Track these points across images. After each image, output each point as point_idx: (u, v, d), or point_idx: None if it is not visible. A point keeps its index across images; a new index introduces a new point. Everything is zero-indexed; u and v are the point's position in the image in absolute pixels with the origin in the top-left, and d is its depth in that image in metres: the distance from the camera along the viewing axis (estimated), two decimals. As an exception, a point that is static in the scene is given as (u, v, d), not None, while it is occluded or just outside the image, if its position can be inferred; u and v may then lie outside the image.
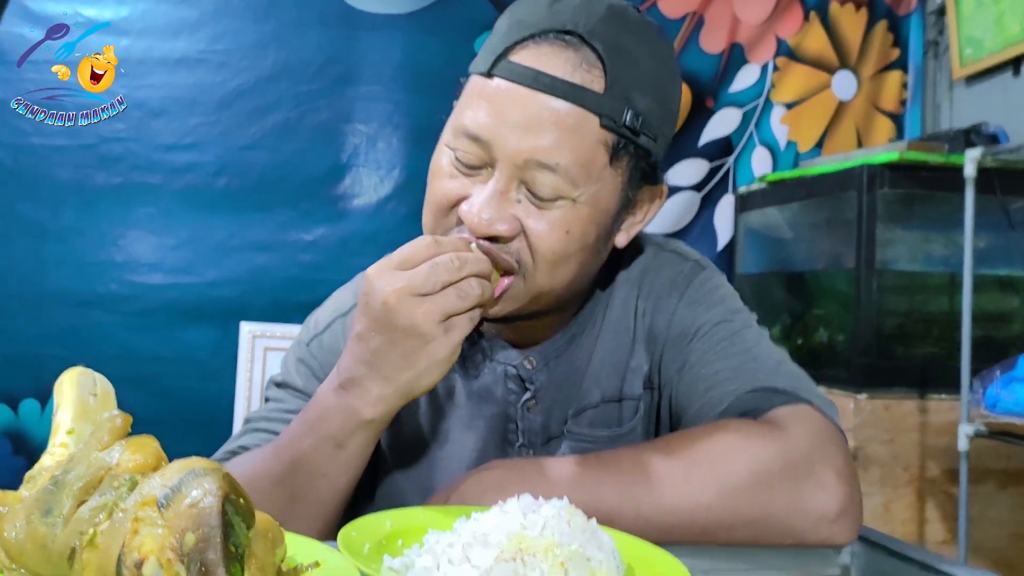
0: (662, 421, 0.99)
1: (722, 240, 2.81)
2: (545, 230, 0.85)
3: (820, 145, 2.85)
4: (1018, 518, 2.19)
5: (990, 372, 1.95)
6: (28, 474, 0.58)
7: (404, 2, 2.54)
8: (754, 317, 0.99)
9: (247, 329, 2.40)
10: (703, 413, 0.91)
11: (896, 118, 2.90)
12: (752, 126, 2.81)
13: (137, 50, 2.38)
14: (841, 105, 2.87)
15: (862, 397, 2.15)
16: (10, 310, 2.32)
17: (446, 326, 0.77)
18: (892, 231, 2.29)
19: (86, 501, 0.54)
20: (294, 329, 1.08)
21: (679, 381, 0.95)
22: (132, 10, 2.40)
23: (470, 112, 0.86)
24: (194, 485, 0.52)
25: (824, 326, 2.51)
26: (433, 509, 0.79)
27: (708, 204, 2.80)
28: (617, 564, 0.64)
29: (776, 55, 2.83)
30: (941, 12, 2.83)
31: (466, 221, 0.85)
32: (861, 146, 2.83)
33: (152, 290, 2.38)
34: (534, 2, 0.88)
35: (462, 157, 0.86)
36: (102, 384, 0.67)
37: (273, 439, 0.93)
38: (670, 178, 2.73)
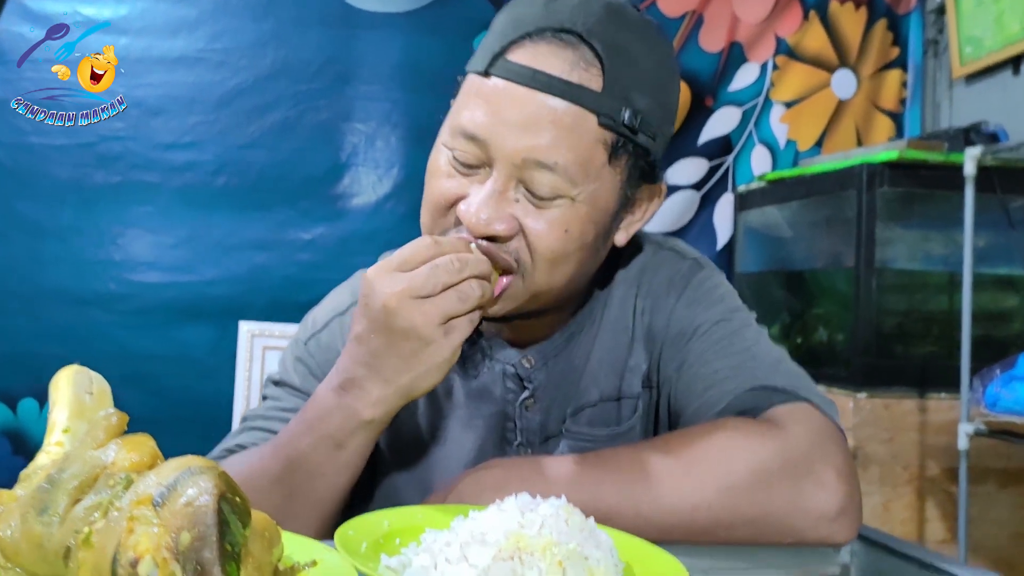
0: (661, 420, 0.99)
1: (721, 239, 2.80)
2: (544, 229, 0.84)
3: (820, 144, 2.85)
4: (1018, 517, 2.19)
5: (990, 371, 1.95)
6: (23, 473, 0.58)
7: (403, 1, 2.53)
8: (753, 315, 0.99)
9: (246, 328, 2.40)
10: (702, 412, 0.91)
11: (896, 117, 2.90)
12: (751, 125, 2.81)
13: (136, 49, 2.37)
14: (841, 104, 2.87)
15: (862, 396, 2.15)
16: (8, 309, 2.31)
17: (446, 328, 0.77)
18: (892, 230, 2.28)
19: (81, 500, 0.54)
20: (293, 328, 1.08)
21: (678, 380, 0.94)
22: (131, 9, 2.39)
23: (467, 111, 0.85)
24: (190, 483, 0.51)
25: (823, 325, 2.50)
26: (431, 508, 0.79)
27: (707, 203, 2.80)
28: (615, 563, 0.64)
29: (775, 54, 2.82)
30: (941, 11, 2.83)
31: (464, 221, 0.84)
32: (861, 145, 2.82)
33: (150, 289, 2.37)
34: (531, 0, 0.88)
35: (460, 157, 0.86)
36: (98, 382, 0.66)
37: (270, 438, 0.93)
38: (669, 177, 2.73)
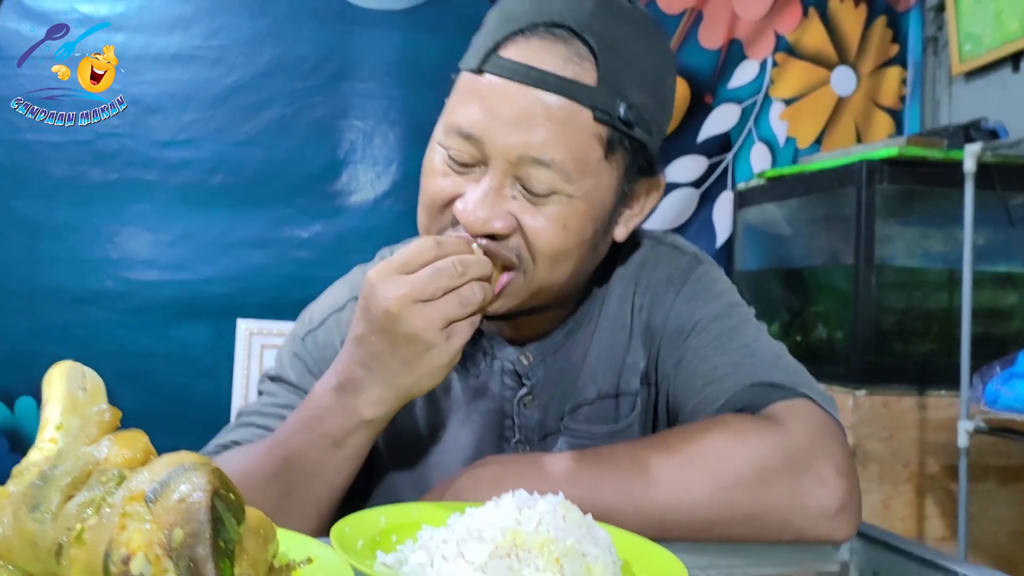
0: (659, 417, 0.99)
1: (721, 237, 2.80)
2: (542, 226, 0.84)
3: (819, 141, 2.84)
4: (1018, 515, 2.19)
5: (990, 368, 1.95)
6: (15, 469, 0.58)
7: (401, -2, 2.53)
8: (752, 311, 0.98)
9: (243, 326, 2.40)
10: (700, 408, 0.90)
11: (895, 114, 2.89)
12: (751, 122, 2.81)
13: (133, 46, 2.37)
14: (840, 101, 2.86)
15: (861, 394, 2.15)
16: (5, 307, 2.31)
17: (447, 332, 0.77)
18: (891, 227, 2.28)
19: (74, 496, 0.53)
20: (290, 326, 1.07)
21: (676, 376, 0.94)
22: (128, 6, 2.39)
23: (461, 109, 0.85)
24: (183, 480, 0.51)
25: (823, 323, 2.50)
26: (427, 505, 0.78)
27: (707, 201, 2.79)
28: (613, 560, 0.63)
29: (775, 51, 2.82)
30: (940, 8, 2.82)
31: (461, 220, 0.84)
32: (860, 142, 2.82)
33: (148, 287, 2.37)
34: None
35: (455, 155, 0.85)
36: (92, 378, 0.66)
37: (265, 434, 0.92)
38: (669, 175, 2.72)
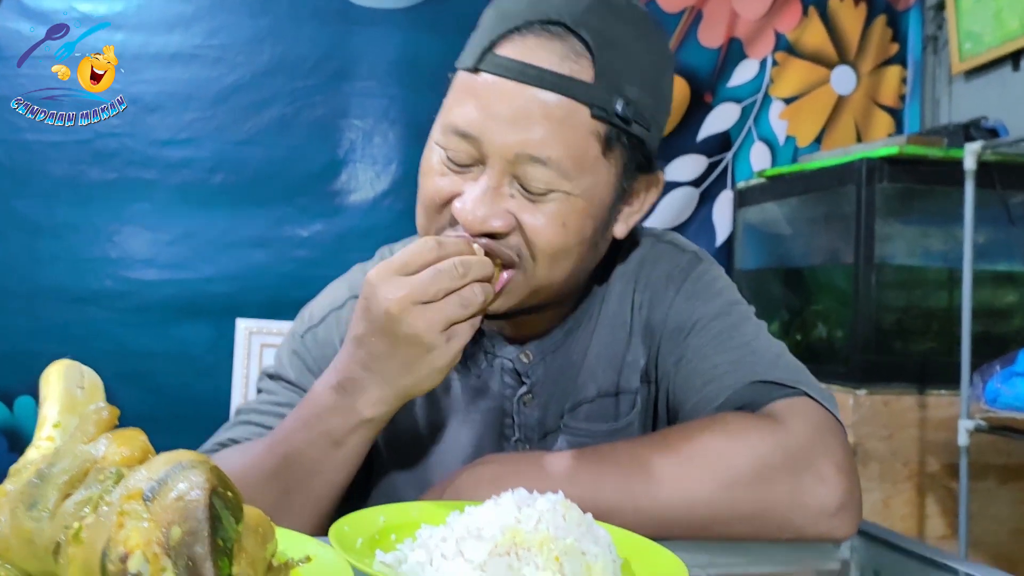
0: (659, 415, 0.98)
1: (720, 236, 2.80)
2: (541, 224, 0.84)
3: (819, 140, 2.84)
4: (1018, 513, 2.18)
5: (990, 367, 1.94)
6: (13, 467, 0.58)
7: (401, -3, 2.53)
8: (752, 309, 0.98)
9: (243, 325, 2.39)
10: (701, 407, 0.90)
11: (895, 113, 2.89)
12: (751, 121, 2.80)
13: (132, 45, 2.36)
14: (840, 100, 2.86)
15: (861, 393, 2.14)
16: (4, 306, 2.30)
17: (448, 334, 0.77)
18: (891, 226, 2.27)
19: (71, 495, 0.53)
20: (290, 325, 1.08)
21: (676, 375, 0.94)
22: (127, 5, 2.38)
23: (458, 109, 0.85)
24: (180, 478, 0.51)
25: (823, 322, 2.50)
26: (426, 504, 0.78)
27: (706, 200, 2.79)
28: (613, 558, 0.63)
29: (775, 50, 2.82)
30: (940, 7, 2.82)
31: (460, 219, 0.83)
32: (860, 141, 2.82)
33: (147, 286, 2.36)
34: None
35: (452, 155, 0.85)
36: (89, 377, 0.66)
37: (264, 432, 0.92)
38: (668, 174, 2.72)
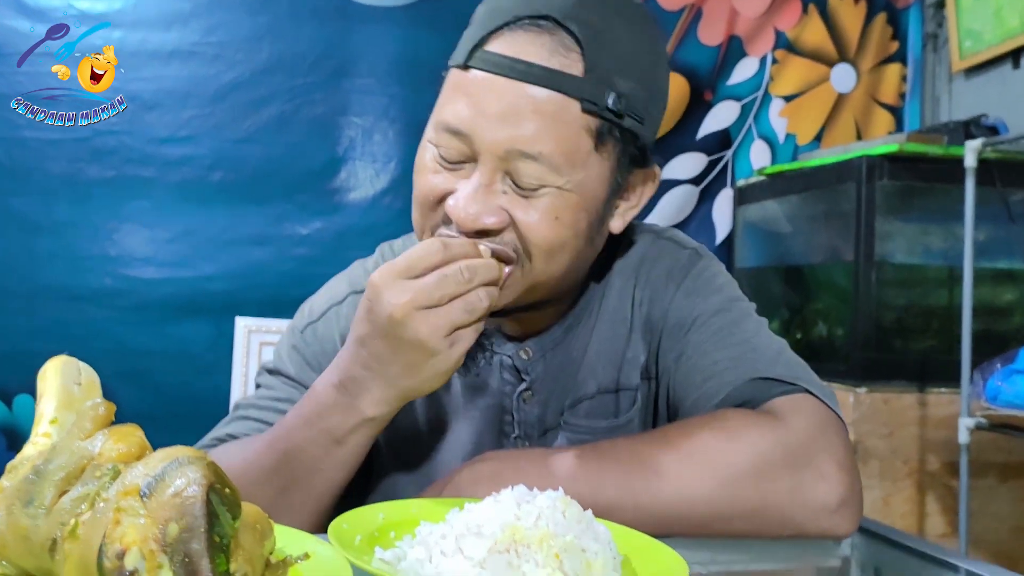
0: (660, 412, 0.98)
1: (720, 234, 2.79)
2: (534, 220, 0.83)
3: (819, 138, 2.84)
4: (1019, 511, 2.18)
5: (990, 364, 1.94)
6: (10, 464, 0.57)
7: (400, -5, 2.52)
8: (753, 306, 0.98)
9: (242, 324, 2.39)
10: (701, 403, 0.90)
11: (895, 111, 2.89)
12: (751, 119, 2.80)
13: (130, 42, 2.36)
14: (840, 98, 2.86)
15: (861, 391, 2.14)
16: (3, 305, 2.30)
17: (452, 339, 0.76)
18: (891, 223, 2.27)
19: (68, 491, 0.53)
20: (289, 322, 1.07)
21: (676, 371, 0.94)
22: (125, 2, 2.38)
23: (449, 106, 0.85)
24: (178, 474, 0.51)
25: (823, 320, 2.49)
26: (426, 501, 0.78)
27: (706, 198, 2.79)
28: (613, 555, 0.63)
29: (775, 48, 2.81)
30: (940, 5, 2.82)
31: (453, 216, 0.83)
32: (860, 139, 2.82)
33: (146, 284, 2.36)
34: None
35: (444, 152, 0.85)
36: (87, 373, 0.65)
37: (262, 428, 0.92)
38: (668, 171, 2.72)
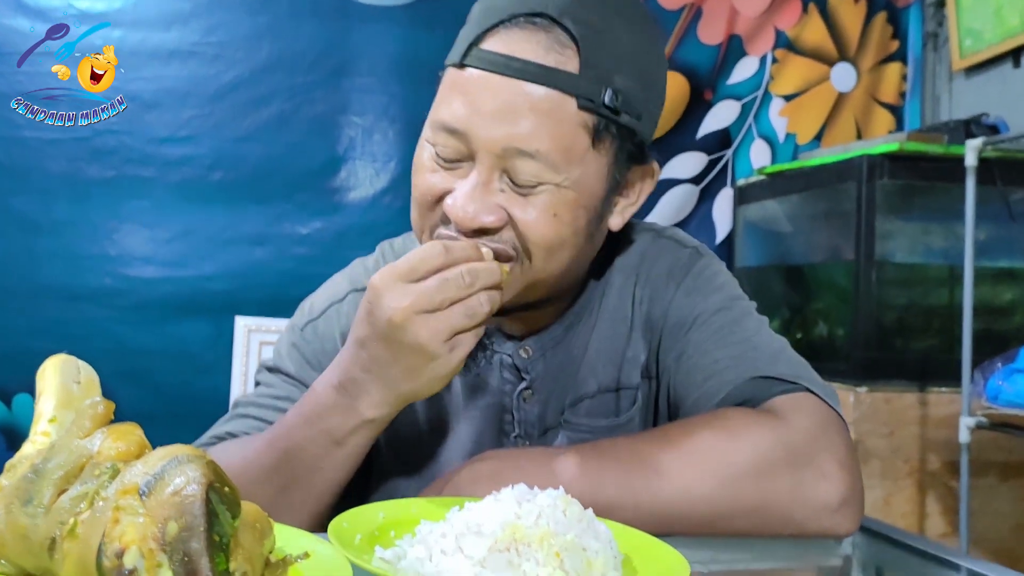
0: (660, 411, 0.98)
1: (721, 233, 2.79)
2: (533, 217, 0.83)
3: (819, 137, 2.84)
4: (1019, 510, 2.18)
5: (991, 364, 1.94)
6: (8, 463, 0.57)
7: (400, -7, 2.52)
8: (754, 305, 0.98)
9: (242, 323, 2.39)
10: (702, 403, 0.89)
11: (895, 110, 2.89)
12: (751, 118, 2.80)
13: (130, 42, 2.36)
14: (840, 97, 2.85)
15: (862, 390, 2.14)
16: (2, 304, 2.30)
17: (451, 344, 0.76)
18: (892, 223, 2.27)
19: (67, 490, 0.53)
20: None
21: (677, 370, 0.93)
22: (124, 1, 2.38)
23: (445, 105, 0.85)
24: (177, 473, 0.50)
25: (824, 319, 2.49)
26: (426, 500, 0.78)
27: (706, 197, 2.79)
28: (614, 554, 0.63)
29: (775, 47, 2.81)
30: (940, 4, 2.82)
31: (451, 215, 0.83)
32: (860, 138, 2.81)
33: (146, 284, 2.36)
34: None
35: (441, 151, 0.85)
36: (86, 372, 0.65)
37: (261, 426, 0.92)
38: (668, 171, 2.71)
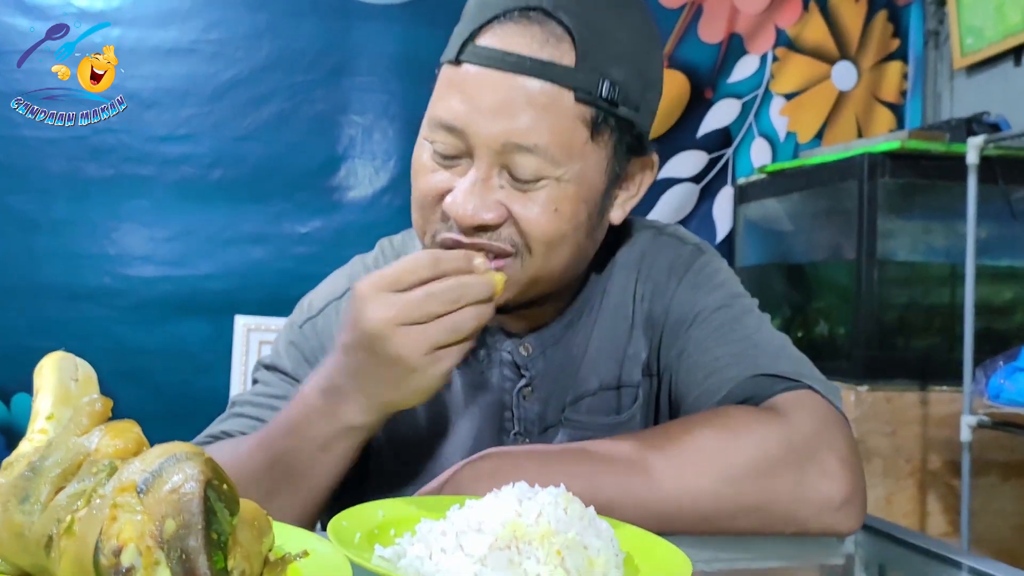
0: (661, 409, 0.98)
1: (721, 232, 2.79)
2: (533, 213, 0.83)
3: (820, 136, 2.83)
4: (1021, 509, 2.18)
5: (993, 362, 1.94)
6: (5, 461, 0.57)
7: (400, -8, 2.52)
8: (755, 302, 0.97)
9: (241, 322, 2.39)
10: (703, 400, 0.89)
11: (896, 109, 2.88)
12: (751, 117, 2.80)
13: (129, 40, 2.36)
14: (841, 96, 2.85)
15: (863, 389, 2.14)
16: (2, 304, 2.30)
17: (433, 358, 0.75)
18: (893, 221, 2.27)
19: (64, 488, 0.52)
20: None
21: (678, 368, 0.93)
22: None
23: (442, 102, 0.84)
24: (175, 470, 0.50)
25: (825, 318, 2.49)
26: (426, 498, 0.78)
27: (707, 196, 2.78)
28: (615, 552, 0.62)
29: (775, 45, 2.81)
30: (941, 2, 2.81)
31: (451, 213, 0.83)
32: (861, 137, 2.81)
33: (145, 283, 2.36)
34: None
35: (440, 149, 0.84)
36: (84, 369, 0.65)
37: (257, 425, 0.91)
38: (669, 170, 2.71)
